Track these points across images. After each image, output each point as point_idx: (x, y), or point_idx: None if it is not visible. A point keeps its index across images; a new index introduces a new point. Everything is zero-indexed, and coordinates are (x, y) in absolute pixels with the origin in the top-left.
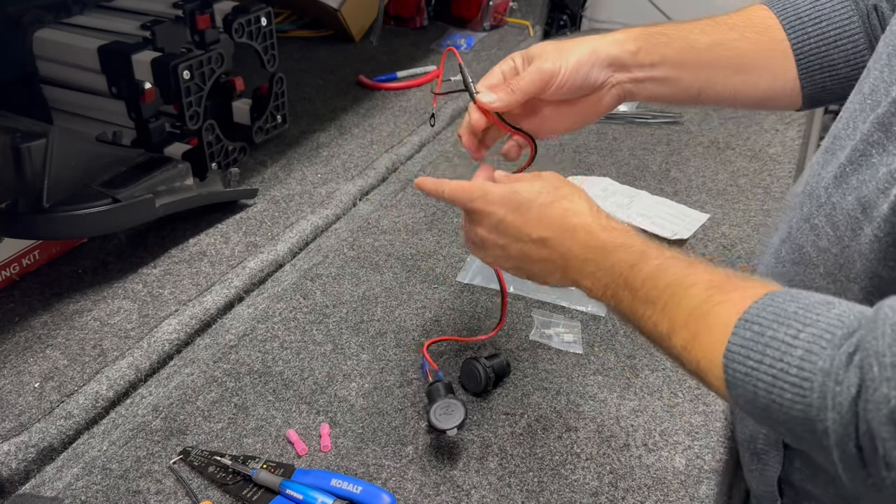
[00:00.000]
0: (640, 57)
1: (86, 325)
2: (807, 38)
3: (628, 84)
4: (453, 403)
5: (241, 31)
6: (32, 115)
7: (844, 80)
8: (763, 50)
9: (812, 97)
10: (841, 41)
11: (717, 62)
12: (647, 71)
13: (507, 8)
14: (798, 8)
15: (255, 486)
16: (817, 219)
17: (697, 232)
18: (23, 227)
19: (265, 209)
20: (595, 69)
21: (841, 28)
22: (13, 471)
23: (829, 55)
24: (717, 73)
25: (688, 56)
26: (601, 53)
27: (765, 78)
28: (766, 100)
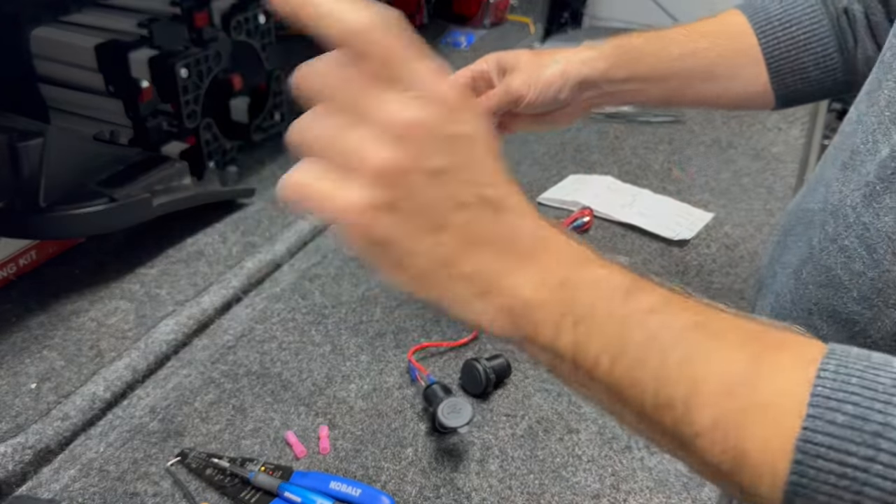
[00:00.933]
0: (609, 74)
1: (83, 326)
2: (777, 43)
3: (597, 98)
4: (459, 401)
5: (239, 28)
6: (29, 114)
7: (815, 83)
8: (734, 57)
9: (784, 98)
10: (811, 45)
11: (688, 72)
12: (616, 86)
13: (508, 5)
14: (769, 12)
15: (254, 489)
16: (847, 240)
17: (700, 232)
18: (19, 227)
19: (263, 208)
20: (564, 89)
21: (811, 31)
22: (9, 472)
23: (798, 58)
24: (686, 83)
25: (657, 69)
26: (571, 74)
27: (735, 84)
28: (737, 103)
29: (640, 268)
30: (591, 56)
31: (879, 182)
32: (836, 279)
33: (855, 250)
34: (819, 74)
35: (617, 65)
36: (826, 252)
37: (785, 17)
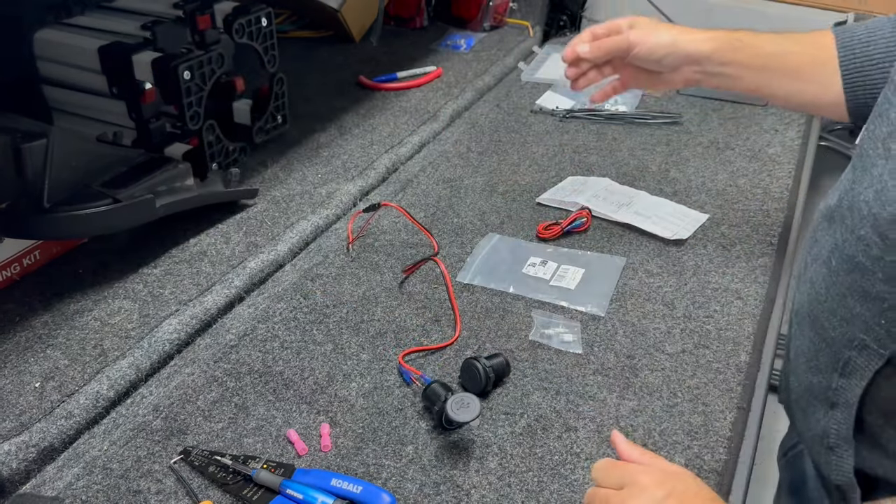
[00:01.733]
0: (713, 58)
1: (86, 325)
2: (853, 57)
3: (698, 75)
4: (466, 396)
5: (241, 31)
6: (33, 116)
7: None
8: (815, 63)
9: (856, 112)
10: (884, 63)
11: (776, 68)
12: (716, 68)
13: (507, 8)
14: (854, 31)
15: (256, 486)
16: (863, 230)
17: (697, 232)
18: (23, 228)
19: (266, 209)
20: (669, 57)
21: (886, 51)
22: (14, 470)
23: (871, 75)
24: (773, 78)
25: (754, 61)
26: (680, 47)
27: (812, 87)
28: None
29: (637, 267)
30: (701, 38)
31: (892, 179)
32: (860, 265)
33: (870, 238)
34: None
35: (721, 49)
36: (847, 242)
37: (866, 37)
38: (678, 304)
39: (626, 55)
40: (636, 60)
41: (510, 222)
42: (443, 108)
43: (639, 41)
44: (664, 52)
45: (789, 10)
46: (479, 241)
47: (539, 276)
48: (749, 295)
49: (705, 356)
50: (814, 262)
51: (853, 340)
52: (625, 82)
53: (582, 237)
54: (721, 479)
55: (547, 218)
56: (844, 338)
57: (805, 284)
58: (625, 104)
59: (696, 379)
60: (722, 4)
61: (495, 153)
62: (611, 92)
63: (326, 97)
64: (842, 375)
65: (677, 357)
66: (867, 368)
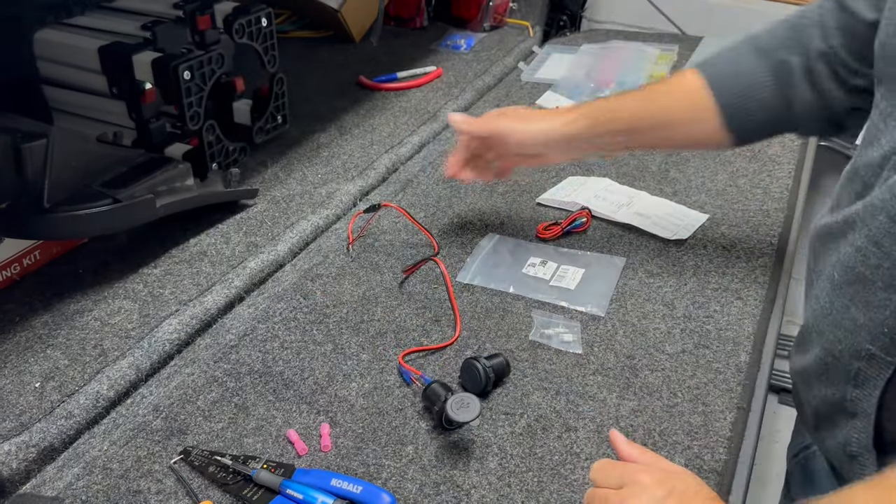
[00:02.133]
0: (582, 135)
1: (86, 325)
2: (726, 92)
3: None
4: (466, 396)
5: (241, 31)
6: (33, 116)
7: (763, 123)
8: (688, 107)
9: (739, 138)
10: (754, 91)
11: (650, 123)
12: (587, 143)
13: (507, 8)
14: (718, 66)
15: (256, 486)
16: (859, 241)
17: (697, 232)
18: (23, 228)
19: (266, 209)
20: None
21: (753, 80)
22: (14, 470)
23: (745, 105)
24: (649, 133)
25: (625, 126)
26: (554, 134)
27: (692, 128)
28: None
29: (637, 267)
30: (570, 118)
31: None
32: (860, 276)
33: (867, 248)
34: (764, 115)
35: (592, 125)
36: (846, 255)
37: (731, 69)
38: (678, 304)
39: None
40: (512, 150)
41: (510, 222)
42: (443, 108)
43: (512, 131)
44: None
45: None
46: (479, 241)
47: (539, 276)
48: (749, 295)
49: (705, 356)
50: (817, 278)
51: (860, 351)
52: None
53: (582, 237)
54: (721, 479)
55: (547, 218)
56: (852, 349)
57: (811, 300)
58: None
59: (696, 379)
60: (722, 4)
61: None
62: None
63: (326, 97)
64: (855, 386)
65: (677, 357)
66: (878, 378)
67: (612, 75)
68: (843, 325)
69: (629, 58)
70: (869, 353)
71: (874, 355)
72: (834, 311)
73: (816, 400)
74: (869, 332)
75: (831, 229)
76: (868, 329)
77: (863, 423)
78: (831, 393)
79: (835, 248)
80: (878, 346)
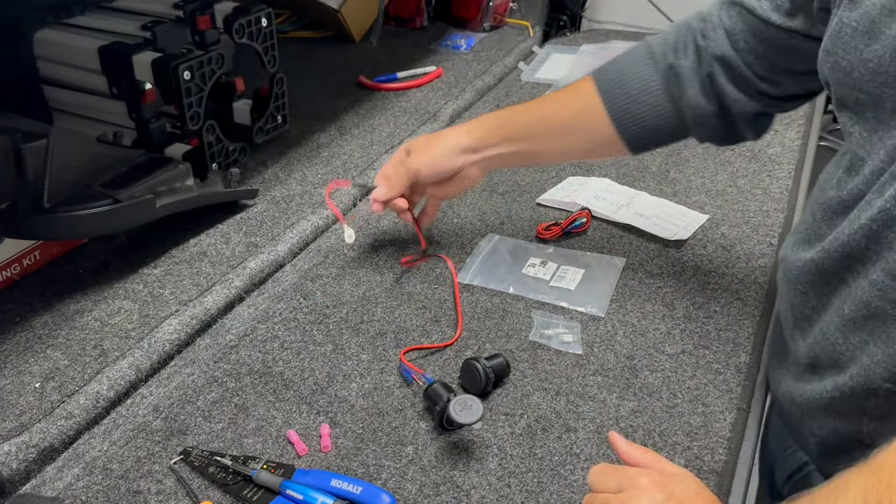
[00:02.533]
0: (484, 141)
1: (86, 326)
2: (615, 98)
3: (481, 162)
4: (468, 398)
5: (241, 31)
6: (33, 116)
7: (655, 129)
8: (580, 114)
9: (635, 144)
10: (643, 97)
11: (543, 132)
12: (491, 150)
13: (507, 8)
14: (608, 73)
15: (256, 487)
16: (874, 274)
17: (697, 233)
18: (23, 228)
19: (266, 209)
20: (450, 159)
21: (642, 86)
22: (14, 471)
23: (636, 110)
24: (543, 141)
25: (521, 132)
26: (453, 145)
27: (585, 136)
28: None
29: (637, 268)
30: (470, 128)
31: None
32: (879, 310)
33: (885, 282)
34: (656, 122)
35: (490, 133)
36: (859, 288)
37: (620, 76)
38: (678, 305)
39: (418, 180)
40: (427, 180)
41: (510, 222)
42: (443, 108)
43: (421, 164)
44: (443, 158)
45: None
46: (479, 241)
47: (539, 276)
48: (749, 295)
49: (705, 357)
50: (817, 313)
51: (877, 389)
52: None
53: (582, 238)
54: (721, 480)
55: (547, 218)
56: (866, 385)
57: (815, 335)
58: None
59: (696, 379)
60: None
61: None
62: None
63: (326, 97)
64: (871, 420)
65: (677, 358)
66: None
67: None
68: (861, 361)
69: None
70: (888, 390)
71: (893, 392)
72: (850, 347)
73: (823, 431)
74: (886, 369)
75: (823, 264)
76: (885, 365)
77: None
78: (842, 426)
79: (840, 282)
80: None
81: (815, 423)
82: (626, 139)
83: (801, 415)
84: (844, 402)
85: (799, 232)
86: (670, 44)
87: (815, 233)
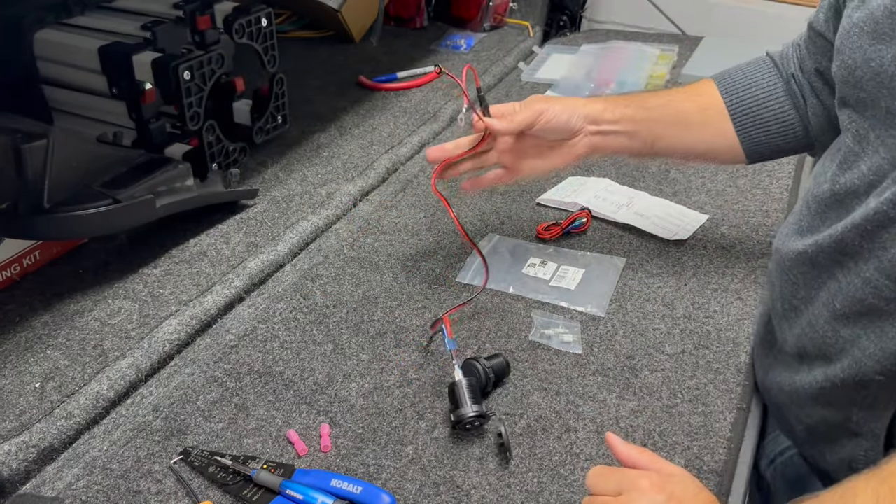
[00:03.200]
0: (605, 114)
1: (86, 326)
2: (739, 101)
3: (597, 136)
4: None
5: (241, 31)
6: (33, 116)
7: (777, 135)
8: (703, 109)
9: (752, 151)
10: (769, 102)
11: (666, 118)
12: (611, 125)
13: (507, 8)
14: (733, 77)
15: (256, 487)
16: (867, 272)
17: (696, 233)
18: (23, 228)
19: (266, 209)
20: (573, 118)
21: (768, 91)
22: (14, 471)
23: (759, 114)
24: (666, 128)
25: (642, 113)
26: (579, 108)
27: (706, 133)
28: (710, 152)
29: (637, 268)
30: (591, 100)
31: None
32: (873, 308)
33: (879, 281)
34: (779, 128)
35: (609, 108)
36: (852, 286)
37: (746, 80)
38: (678, 305)
39: (535, 124)
40: (545, 128)
41: (510, 222)
42: (443, 108)
43: (546, 107)
44: (569, 114)
45: (789, 10)
46: (479, 241)
47: (539, 276)
48: (749, 295)
49: (705, 357)
50: (805, 304)
51: (868, 381)
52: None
53: (582, 238)
54: (721, 480)
55: (547, 218)
56: (857, 377)
57: (802, 327)
58: None
59: (696, 379)
60: (722, 4)
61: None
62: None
63: (326, 97)
64: (861, 409)
65: (677, 357)
66: (890, 401)
67: (612, 75)
68: (852, 354)
69: (629, 58)
70: (879, 382)
71: (884, 385)
72: (840, 341)
73: (811, 419)
74: (878, 362)
75: (816, 257)
76: (877, 358)
77: (870, 442)
78: (830, 414)
79: (829, 277)
80: (888, 375)
81: (802, 411)
82: (745, 144)
83: (789, 403)
84: (835, 393)
85: (793, 222)
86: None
87: (809, 224)
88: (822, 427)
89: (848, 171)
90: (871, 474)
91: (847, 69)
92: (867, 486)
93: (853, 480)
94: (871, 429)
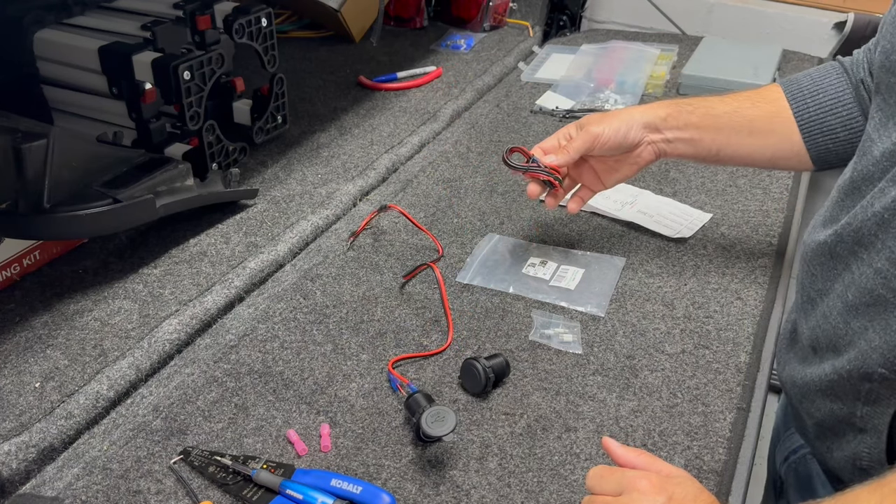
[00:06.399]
0: (668, 122)
1: (86, 326)
2: (806, 107)
3: (661, 143)
4: (442, 410)
5: (241, 31)
6: (33, 116)
7: (845, 143)
8: (770, 116)
9: (820, 158)
10: (836, 109)
11: (732, 126)
12: (675, 132)
13: (507, 8)
14: (800, 83)
15: (256, 486)
16: (879, 262)
17: (697, 232)
18: (23, 228)
19: (265, 209)
20: (632, 131)
21: (836, 98)
22: (14, 471)
23: (826, 121)
24: (731, 135)
25: (707, 121)
26: (637, 118)
27: (772, 140)
28: (776, 159)
29: (637, 267)
30: (653, 107)
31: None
32: (881, 298)
33: (889, 271)
34: (847, 135)
35: (673, 115)
36: (864, 276)
37: (813, 87)
38: (678, 305)
39: (593, 149)
40: (604, 149)
41: (510, 222)
42: (443, 108)
43: (602, 129)
44: (626, 129)
45: (789, 9)
46: (479, 241)
47: (539, 276)
48: (749, 295)
49: (705, 356)
50: (821, 296)
51: (871, 374)
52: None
53: (582, 237)
54: (721, 480)
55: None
56: (862, 371)
57: (817, 318)
58: (625, 104)
59: (696, 379)
60: (722, 4)
61: (495, 153)
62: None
63: (326, 97)
64: (865, 404)
65: (677, 357)
66: (892, 397)
67: (612, 75)
68: (858, 346)
69: (629, 58)
70: (882, 375)
71: (887, 378)
72: (850, 333)
73: (820, 413)
74: (882, 355)
75: (835, 248)
76: (881, 351)
77: (874, 438)
78: (837, 408)
79: (845, 268)
80: (890, 369)
81: (812, 405)
82: (812, 151)
83: (800, 397)
84: (841, 386)
85: (820, 214)
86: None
87: (831, 215)
88: (829, 421)
89: (863, 157)
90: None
91: (884, 53)
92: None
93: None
94: (875, 425)
